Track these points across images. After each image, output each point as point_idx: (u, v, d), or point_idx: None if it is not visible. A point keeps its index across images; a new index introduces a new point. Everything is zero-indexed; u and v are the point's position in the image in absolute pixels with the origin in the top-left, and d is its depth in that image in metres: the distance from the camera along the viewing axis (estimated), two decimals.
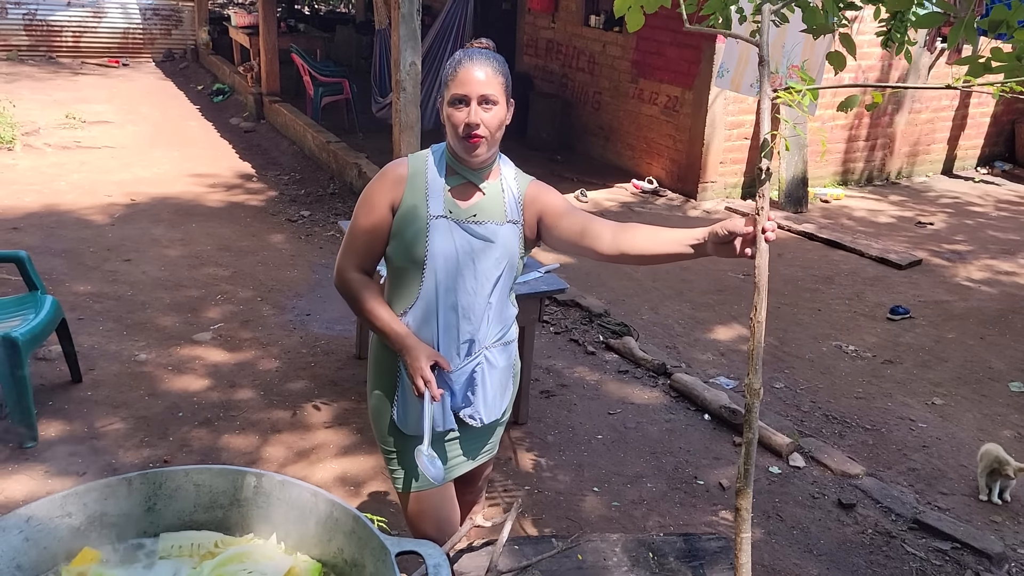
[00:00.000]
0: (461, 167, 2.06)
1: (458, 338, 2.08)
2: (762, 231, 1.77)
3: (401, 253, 2.05)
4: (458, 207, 2.05)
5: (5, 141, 7.75)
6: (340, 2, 18.58)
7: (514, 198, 2.12)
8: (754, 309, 1.65)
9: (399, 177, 2.05)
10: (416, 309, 2.07)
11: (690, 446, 3.75)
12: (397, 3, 5.58)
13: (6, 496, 3.12)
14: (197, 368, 4.16)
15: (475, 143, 1.97)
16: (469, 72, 1.95)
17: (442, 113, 2.03)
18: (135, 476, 1.41)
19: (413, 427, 2.13)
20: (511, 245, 2.09)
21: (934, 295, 5.66)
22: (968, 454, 3.79)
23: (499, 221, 2.07)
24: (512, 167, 2.18)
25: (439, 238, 2.02)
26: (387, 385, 2.16)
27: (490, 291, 2.08)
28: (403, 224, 2.04)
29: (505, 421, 2.33)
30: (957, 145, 8.95)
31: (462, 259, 2.03)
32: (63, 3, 12.23)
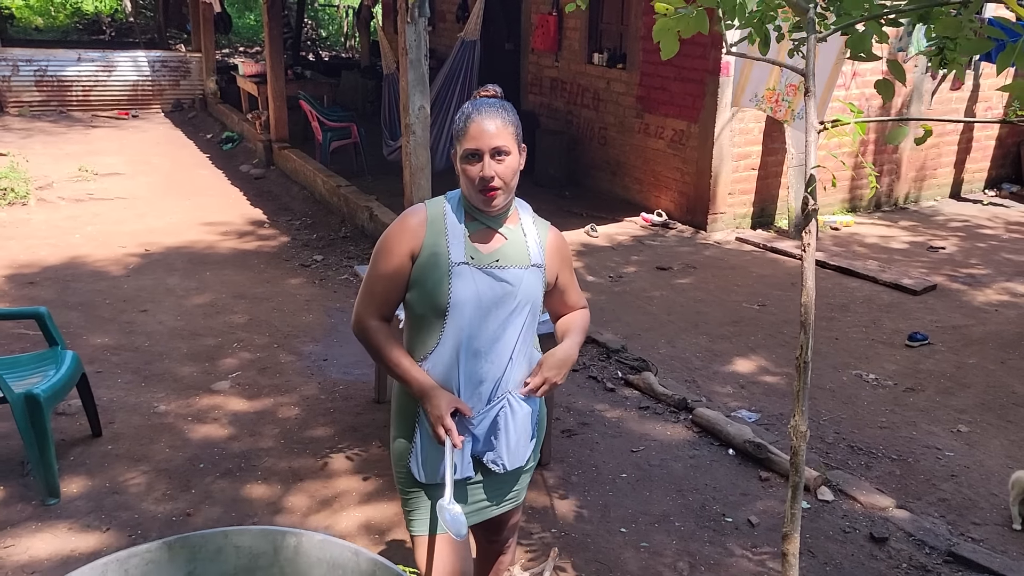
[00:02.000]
0: (479, 214, 2.07)
1: (481, 383, 2.07)
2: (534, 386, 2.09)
3: (423, 300, 2.05)
4: (479, 253, 2.06)
5: (19, 196, 7.85)
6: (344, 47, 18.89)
7: (537, 243, 2.14)
8: (799, 349, 1.64)
9: (418, 224, 2.06)
10: (437, 355, 2.06)
11: (716, 482, 3.71)
12: (405, 49, 5.67)
13: (30, 555, 3.10)
14: (217, 417, 4.15)
15: (492, 196, 2.00)
16: (479, 126, 1.98)
17: (456, 165, 2.05)
18: (175, 540, 1.40)
19: (430, 476, 2.12)
20: (534, 289, 2.10)
21: (951, 320, 5.63)
22: (998, 482, 3.73)
23: (523, 265, 2.08)
24: (529, 211, 2.20)
25: (462, 285, 2.01)
26: (407, 431, 2.15)
27: (515, 336, 2.08)
28: (424, 272, 2.04)
29: (532, 468, 2.31)
30: (964, 168, 8.97)
31: (485, 305, 2.03)
32: (73, 58, 12.46)
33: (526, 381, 2.11)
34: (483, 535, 2.45)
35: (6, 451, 3.77)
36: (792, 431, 1.63)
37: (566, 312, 2.31)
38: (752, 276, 6.41)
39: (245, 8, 20.31)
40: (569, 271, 2.26)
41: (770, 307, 5.80)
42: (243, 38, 19.32)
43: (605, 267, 6.52)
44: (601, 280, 6.24)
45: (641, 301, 5.86)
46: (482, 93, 2.11)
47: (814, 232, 1.67)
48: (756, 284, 6.24)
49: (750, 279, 6.35)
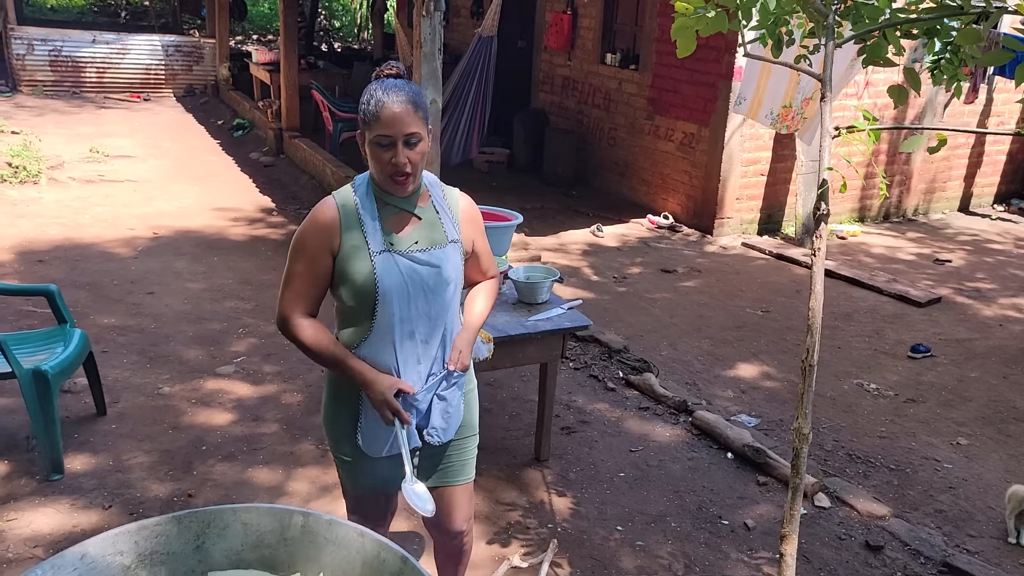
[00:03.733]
0: (390, 197, 2.08)
1: (418, 363, 2.13)
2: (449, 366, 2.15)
3: (350, 293, 2.07)
4: (397, 238, 2.08)
5: (31, 175, 7.89)
6: (357, 39, 18.91)
7: (450, 218, 2.17)
8: (806, 352, 1.66)
9: (331, 220, 2.06)
10: (371, 342, 2.09)
11: (713, 485, 3.73)
12: (419, 42, 5.69)
13: (33, 529, 3.14)
14: (221, 401, 4.18)
15: (405, 183, 2.02)
16: (391, 112, 1.96)
17: (363, 147, 2.04)
18: (185, 514, 1.43)
19: (375, 451, 2.19)
20: (456, 265, 2.15)
21: (955, 333, 5.64)
22: (995, 496, 3.75)
23: (442, 244, 2.12)
24: (436, 182, 2.21)
25: (386, 274, 2.04)
26: (348, 412, 2.21)
27: (445, 314, 2.14)
28: (347, 265, 2.05)
29: (471, 438, 2.36)
30: (974, 182, 8.97)
31: (412, 289, 2.07)
32: (88, 40, 12.49)
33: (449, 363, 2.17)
34: (438, 534, 2.47)
35: (12, 426, 3.81)
36: (795, 433, 1.65)
37: (479, 279, 2.36)
38: (757, 282, 6.43)
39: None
40: (482, 237, 2.29)
41: (774, 313, 5.81)
42: (256, 26, 19.35)
43: (610, 267, 6.54)
44: (605, 280, 6.26)
45: (644, 303, 5.87)
46: (385, 71, 2.07)
47: (824, 236, 1.69)
48: (761, 290, 6.26)
49: (755, 285, 6.36)
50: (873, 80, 7.55)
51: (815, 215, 1.66)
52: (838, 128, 1.87)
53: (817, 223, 1.71)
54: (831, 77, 1.88)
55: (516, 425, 4.09)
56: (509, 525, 3.34)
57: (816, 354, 1.67)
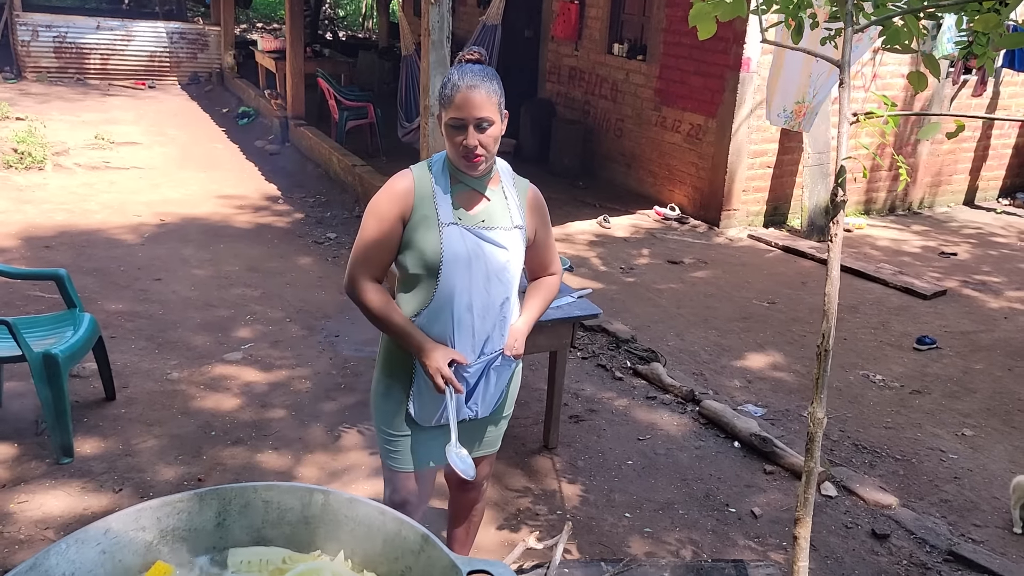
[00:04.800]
0: (464, 176, 2.17)
1: (473, 336, 2.20)
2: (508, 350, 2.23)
3: (415, 261, 2.15)
4: (466, 214, 2.17)
5: (36, 161, 7.88)
6: (362, 28, 18.86)
7: (516, 203, 2.25)
8: (821, 337, 1.66)
9: (406, 189, 2.15)
10: (430, 311, 2.17)
11: (721, 473, 3.74)
12: (427, 30, 5.67)
13: (44, 512, 3.15)
14: (229, 387, 4.20)
15: (476, 162, 2.10)
16: (465, 96, 2.05)
17: (440, 128, 2.13)
18: (206, 492, 1.43)
19: (426, 419, 2.27)
20: (517, 247, 2.23)
21: (960, 326, 5.64)
22: (1000, 486, 3.76)
23: (506, 226, 2.20)
24: (508, 170, 2.29)
25: (452, 244, 2.12)
26: (401, 380, 2.27)
27: (503, 292, 2.22)
28: (415, 234, 2.14)
29: (506, 417, 2.47)
30: (979, 176, 8.95)
31: (475, 263, 2.14)
32: (93, 26, 12.46)
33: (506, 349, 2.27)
34: (457, 484, 2.59)
35: (22, 409, 3.82)
36: (810, 417, 1.66)
37: (541, 273, 2.44)
38: (763, 274, 6.43)
39: None
40: (546, 229, 2.36)
41: (780, 305, 5.82)
42: (261, 14, 19.31)
43: (617, 258, 6.54)
44: (612, 271, 6.26)
45: (652, 293, 5.88)
46: (467, 56, 2.16)
47: (841, 222, 1.69)
48: (767, 282, 6.26)
49: (761, 276, 6.36)
50: (881, 72, 7.53)
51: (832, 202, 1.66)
52: (856, 114, 1.87)
53: (835, 210, 1.71)
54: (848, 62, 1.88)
55: (525, 413, 4.10)
56: (519, 511, 3.36)
57: (832, 339, 1.68)
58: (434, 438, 2.32)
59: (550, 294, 2.43)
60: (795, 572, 1.68)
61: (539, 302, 2.39)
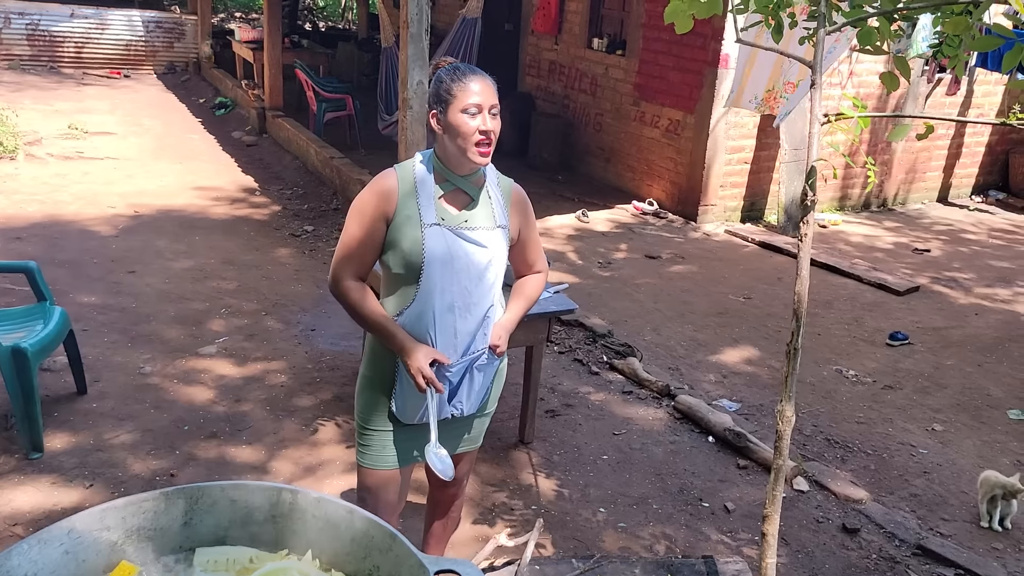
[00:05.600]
0: (451, 175, 2.17)
1: (455, 336, 2.21)
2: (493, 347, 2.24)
3: (398, 260, 2.16)
4: (449, 214, 2.17)
5: (7, 150, 7.75)
6: (342, 19, 18.71)
7: (500, 203, 2.26)
8: (791, 335, 1.68)
9: (390, 189, 2.15)
10: (413, 311, 2.18)
11: (695, 468, 3.77)
12: (406, 23, 5.64)
13: (13, 508, 3.11)
14: (203, 381, 4.16)
15: (487, 152, 2.12)
16: (478, 84, 2.09)
17: (437, 123, 2.14)
18: (173, 491, 1.42)
19: (408, 417, 2.27)
20: (500, 248, 2.24)
21: (932, 322, 5.72)
22: (968, 481, 3.82)
23: (489, 226, 2.21)
24: (493, 169, 2.30)
25: (435, 245, 2.12)
26: (384, 377, 2.27)
27: (486, 293, 2.22)
28: (399, 234, 2.14)
29: (489, 413, 2.47)
30: (953, 173, 9.06)
31: (458, 263, 2.15)
32: (67, 14, 12.26)
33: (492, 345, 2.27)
34: (438, 480, 2.55)
35: None
36: (779, 415, 1.68)
37: (526, 271, 2.45)
38: (739, 269, 6.47)
39: None
40: (530, 228, 2.38)
41: (756, 300, 5.86)
42: (239, 3, 19.08)
43: (595, 253, 6.56)
44: (590, 265, 6.28)
45: (629, 288, 5.90)
46: (447, 61, 2.20)
47: (812, 223, 1.70)
48: (743, 277, 6.30)
49: (737, 271, 6.41)
50: (857, 70, 7.59)
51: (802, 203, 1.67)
52: (827, 115, 1.89)
53: (804, 211, 1.72)
54: (820, 63, 1.89)
55: (501, 408, 4.10)
56: (494, 506, 3.37)
57: (801, 338, 1.69)
58: (413, 436, 2.31)
59: (535, 292, 2.44)
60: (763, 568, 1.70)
61: (524, 300, 2.41)
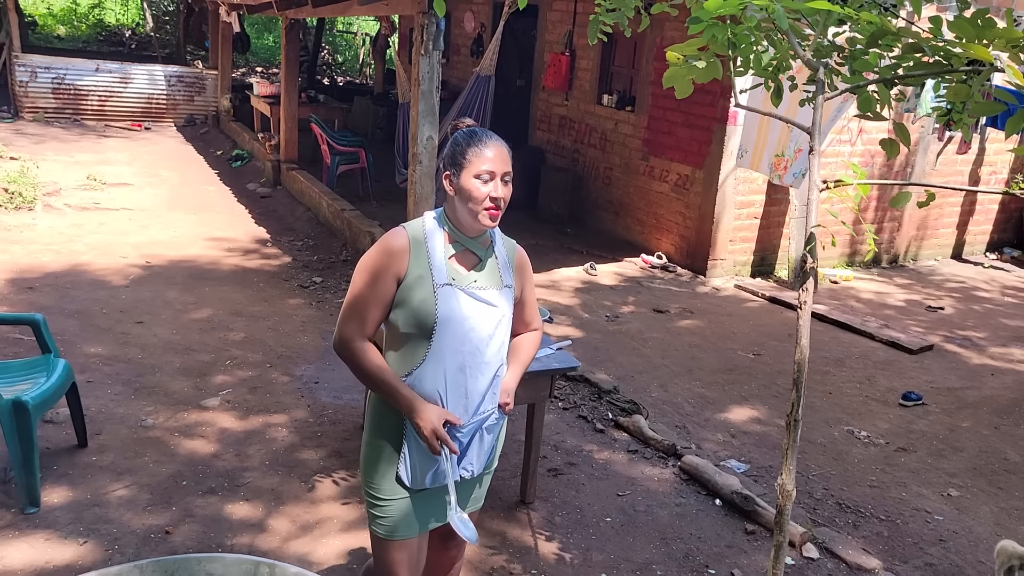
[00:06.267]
0: (461, 236, 2.18)
1: (467, 396, 2.18)
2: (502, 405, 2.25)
3: (408, 321, 2.14)
4: (460, 274, 2.17)
5: (26, 201, 7.89)
6: (360, 74, 19.11)
7: (506, 263, 2.28)
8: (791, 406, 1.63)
9: (401, 248, 2.14)
10: (423, 371, 2.15)
11: (701, 532, 3.68)
12: (417, 80, 5.74)
13: (4, 565, 3.07)
14: (204, 434, 4.13)
15: (496, 216, 2.14)
16: (493, 151, 2.12)
17: (450, 185, 2.15)
18: (147, 564, 1.39)
19: (418, 482, 2.21)
20: (507, 307, 2.24)
21: (946, 382, 5.62)
22: (986, 549, 3.70)
23: (497, 286, 2.22)
24: (497, 231, 2.31)
25: (447, 305, 2.11)
26: (391, 441, 2.22)
27: (495, 352, 2.21)
28: (410, 293, 2.13)
29: (492, 471, 2.44)
30: (966, 230, 9.02)
31: (468, 324, 2.14)
32: (91, 68, 12.60)
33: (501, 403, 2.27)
34: (439, 541, 2.51)
35: None
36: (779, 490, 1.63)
37: (522, 329, 2.44)
38: (749, 325, 6.42)
39: (265, 29, 20.59)
40: (530, 288, 2.40)
41: (765, 357, 5.79)
42: (260, 59, 19.56)
43: (602, 306, 6.53)
44: (597, 319, 6.24)
45: (636, 343, 5.85)
46: (465, 123, 2.23)
47: (811, 290, 1.68)
48: (753, 333, 6.24)
49: (747, 327, 6.35)
50: (867, 127, 7.63)
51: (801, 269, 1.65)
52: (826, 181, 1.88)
53: (804, 277, 1.70)
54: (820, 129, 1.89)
55: (502, 465, 4.03)
56: (493, 569, 3.28)
57: (801, 409, 1.65)
58: (427, 501, 2.26)
59: (533, 349, 2.45)
60: None
61: (524, 357, 2.41)
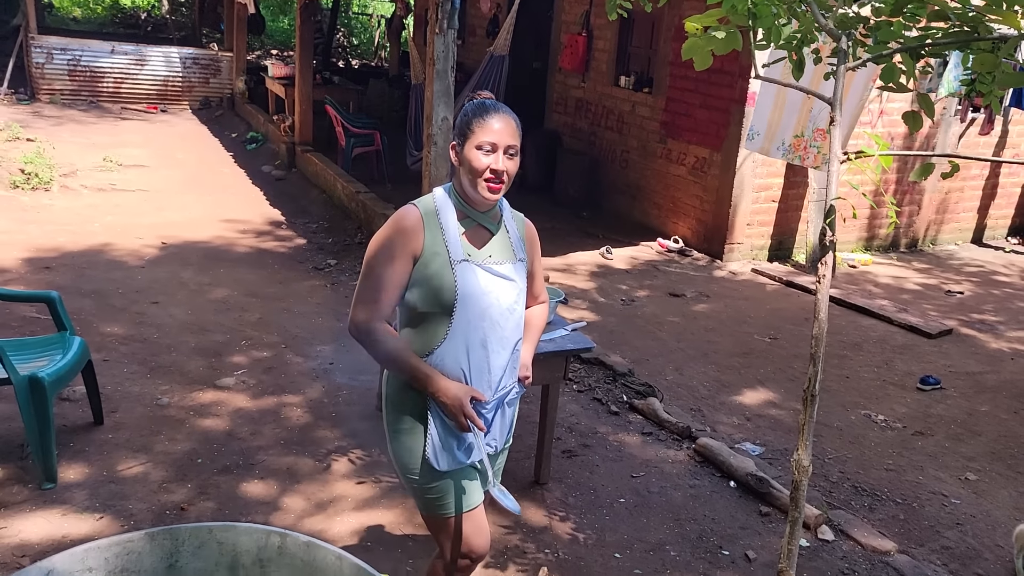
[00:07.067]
0: (471, 211, 2.15)
1: (488, 372, 2.16)
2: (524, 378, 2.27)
3: (427, 299, 2.10)
4: (474, 250, 2.14)
5: (43, 182, 7.93)
6: (374, 56, 19.05)
7: (517, 237, 2.26)
8: (808, 381, 1.61)
9: (415, 225, 2.10)
10: (444, 350, 2.12)
11: (715, 514, 3.66)
12: (432, 60, 5.70)
13: (22, 539, 3.10)
14: (219, 413, 4.15)
15: (497, 189, 2.09)
16: (497, 122, 2.08)
17: (455, 156, 2.12)
18: (159, 531, 1.38)
19: (449, 464, 2.19)
20: (522, 281, 2.23)
21: (965, 366, 5.55)
22: (1004, 533, 3.66)
23: (512, 260, 2.20)
24: (507, 205, 2.28)
25: (466, 281, 2.08)
26: (416, 423, 2.19)
27: (514, 326, 2.20)
28: (427, 271, 2.09)
29: (508, 448, 2.44)
30: (987, 214, 8.89)
31: (487, 299, 2.11)
32: (107, 50, 12.62)
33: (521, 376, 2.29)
34: None
35: (7, 433, 3.78)
36: (795, 465, 1.60)
37: (531, 303, 2.43)
38: (765, 309, 6.36)
39: (280, 11, 20.54)
40: (538, 261, 2.39)
41: (782, 340, 5.74)
42: (276, 41, 19.54)
43: (618, 290, 6.49)
44: (613, 303, 6.21)
45: (651, 326, 5.82)
46: (480, 95, 2.19)
47: (830, 264, 1.64)
48: (769, 317, 6.19)
49: (763, 311, 6.29)
50: (887, 109, 7.51)
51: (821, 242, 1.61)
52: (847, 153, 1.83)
53: (823, 251, 1.66)
54: (841, 100, 1.85)
55: (517, 446, 4.02)
56: (506, 549, 3.28)
57: (818, 384, 1.62)
58: (462, 477, 2.23)
59: (543, 321, 2.46)
60: None
61: (536, 331, 2.41)
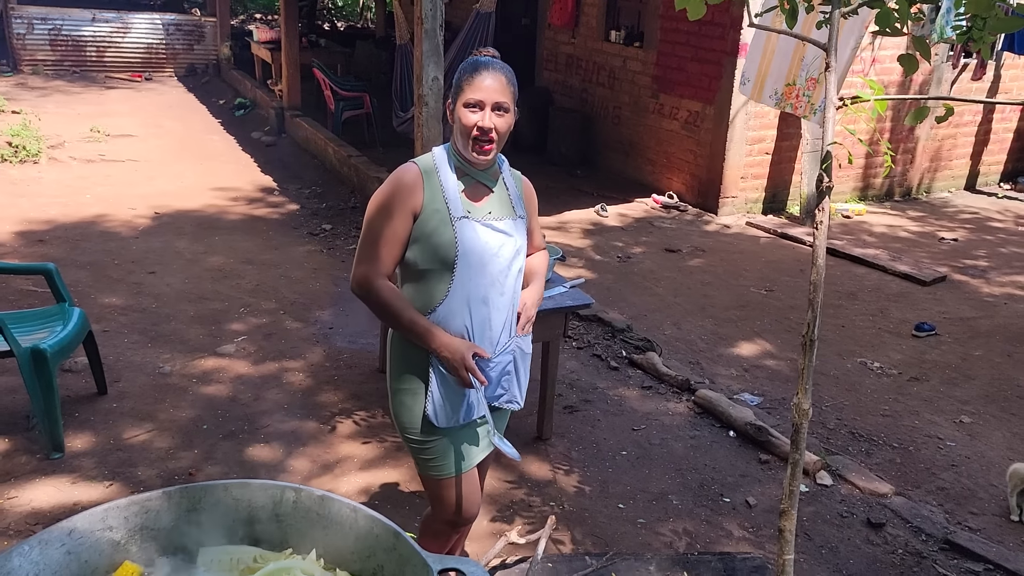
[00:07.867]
0: (470, 168, 2.15)
1: (491, 328, 2.18)
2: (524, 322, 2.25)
3: (428, 256, 2.10)
4: (474, 206, 2.14)
5: (31, 154, 7.85)
6: (360, 18, 18.75)
7: (516, 194, 2.26)
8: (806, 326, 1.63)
9: (415, 182, 2.10)
10: (446, 307, 2.13)
11: (715, 463, 3.72)
12: (420, 19, 5.62)
13: (33, 507, 3.14)
14: (222, 380, 4.18)
15: (487, 149, 2.08)
16: (486, 79, 2.06)
17: (450, 114, 2.12)
18: (175, 490, 1.41)
19: (449, 420, 2.20)
20: (521, 237, 2.23)
21: (959, 312, 5.60)
22: (998, 474, 3.73)
23: (511, 216, 2.21)
24: (504, 161, 2.28)
25: (467, 237, 2.09)
26: (415, 382, 2.20)
27: (514, 282, 2.21)
28: (427, 228, 2.09)
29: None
30: (980, 160, 8.88)
31: (488, 255, 2.12)
32: (88, 18, 12.41)
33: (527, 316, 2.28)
34: None
35: (12, 405, 3.81)
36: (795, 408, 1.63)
37: (531, 251, 2.44)
38: (761, 261, 6.39)
39: None
40: (535, 217, 2.40)
41: (777, 292, 5.78)
42: (259, 5, 19.18)
43: (613, 247, 6.50)
44: (609, 260, 6.23)
45: (648, 282, 5.84)
46: (483, 52, 2.18)
47: (827, 209, 1.65)
48: (764, 269, 6.22)
49: (759, 264, 6.32)
50: (880, 56, 7.45)
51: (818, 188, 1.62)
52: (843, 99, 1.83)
53: (820, 196, 1.67)
54: (836, 46, 1.84)
55: None
56: (512, 503, 3.34)
57: (817, 329, 1.64)
58: (463, 438, 2.24)
59: (544, 266, 2.46)
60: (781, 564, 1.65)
61: (538, 275, 2.40)
